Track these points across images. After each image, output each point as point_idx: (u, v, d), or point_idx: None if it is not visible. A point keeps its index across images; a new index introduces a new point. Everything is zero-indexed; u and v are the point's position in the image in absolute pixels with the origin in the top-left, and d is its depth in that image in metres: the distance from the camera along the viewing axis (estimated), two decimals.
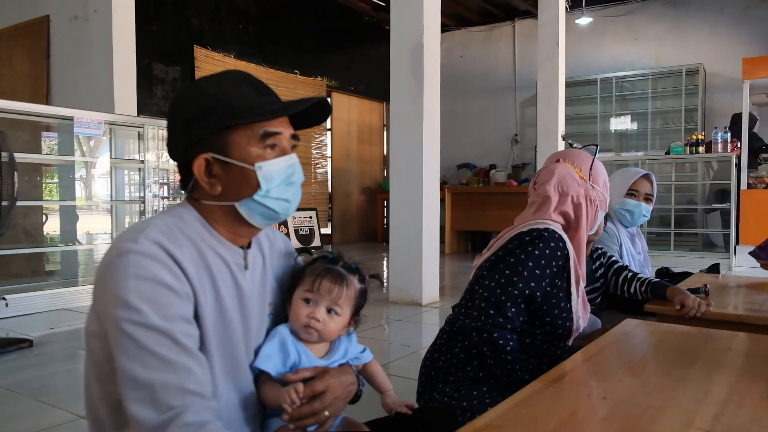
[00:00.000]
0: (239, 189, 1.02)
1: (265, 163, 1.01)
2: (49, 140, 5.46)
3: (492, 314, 1.52)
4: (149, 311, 0.89)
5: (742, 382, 1.12)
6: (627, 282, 2.21)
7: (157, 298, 0.91)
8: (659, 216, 7.45)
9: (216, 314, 1.01)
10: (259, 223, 1.07)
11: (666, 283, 2.10)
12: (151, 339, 0.89)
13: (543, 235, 1.61)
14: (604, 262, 2.29)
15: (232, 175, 1.01)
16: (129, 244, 0.93)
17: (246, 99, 1.01)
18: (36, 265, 5.22)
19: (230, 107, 0.99)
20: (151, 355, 0.88)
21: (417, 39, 4.49)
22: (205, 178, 1.01)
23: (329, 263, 1.17)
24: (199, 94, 1.02)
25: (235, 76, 1.05)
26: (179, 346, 0.90)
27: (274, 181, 1.03)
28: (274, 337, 1.12)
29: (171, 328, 0.90)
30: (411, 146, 4.53)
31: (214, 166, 1.01)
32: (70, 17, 5.34)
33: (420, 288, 4.47)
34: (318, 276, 1.13)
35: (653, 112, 8.41)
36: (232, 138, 1.00)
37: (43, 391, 2.54)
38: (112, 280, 0.91)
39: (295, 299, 1.14)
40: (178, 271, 0.95)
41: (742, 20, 8.00)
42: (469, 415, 1.42)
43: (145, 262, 0.92)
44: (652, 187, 2.59)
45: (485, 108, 9.89)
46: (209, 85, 1.03)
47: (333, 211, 9.34)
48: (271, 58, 8.06)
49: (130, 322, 0.89)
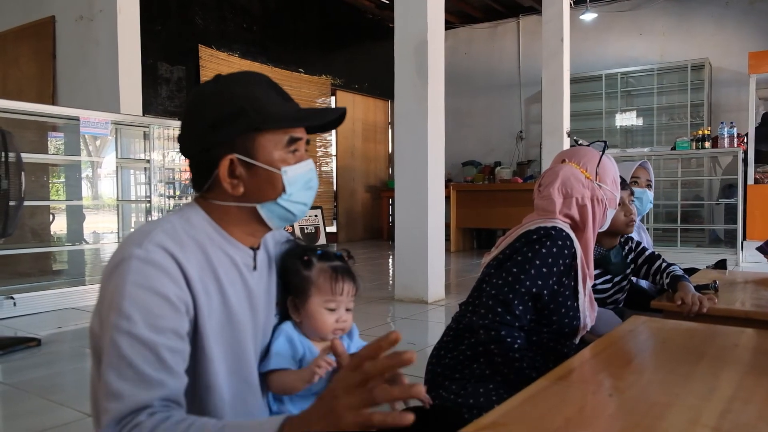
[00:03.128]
0: (262, 191, 1.03)
1: (290, 167, 1.04)
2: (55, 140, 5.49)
3: (499, 312, 1.52)
4: (139, 320, 0.89)
5: (749, 379, 1.11)
6: (660, 272, 2.18)
7: (151, 307, 0.90)
8: (665, 212, 7.42)
9: (223, 316, 1.01)
10: (276, 225, 1.08)
11: (683, 278, 2.06)
12: (134, 349, 0.88)
13: (550, 233, 1.60)
14: (633, 246, 2.28)
15: (257, 177, 1.02)
16: (133, 249, 0.93)
17: (275, 104, 1.02)
18: (43, 264, 5.25)
19: (262, 111, 1.00)
20: (128, 366, 0.87)
21: (421, 36, 4.49)
22: (228, 179, 1.01)
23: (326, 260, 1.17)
24: (230, 95, 1.01)
25: (259, 79, 1.06)
26: (159, 362, 0.89)
27: (297, 185, 1.05)
28: (281, 336, 1.13)
29: (156, 341, 0.89)
30: (416, 144, 4.52)
31: (238, 168, 1.01)
32: (75, 17, 5.36)
33: (426, 286, 4.47)
34: (335, 281, 1.14)
35: (659, 108, 8.37)
36: (260, 141, 1.01)
37: (51, 389, 2.55)
38: (112, 284, 0.92)
39: (317, 310, 1.13)
40: (180, 278, 0.95)
41: (748, 14, 7.95)
42: (476, 412, 1.43)
43: (145, 270, 0.91)
44: (649, 174, 2.65)
45: (490, 105, 9.87)
46: (238, 87, 1.02)
47: (338, 210, 9.35)
48: (275, 57, 8.06)
49: (118, 328, 0.89)
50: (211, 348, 0.99)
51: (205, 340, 0.98)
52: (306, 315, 1.14)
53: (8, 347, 3.08)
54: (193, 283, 0.96)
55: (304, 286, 1.14)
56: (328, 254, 1.18)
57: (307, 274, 1.14)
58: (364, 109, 9.81)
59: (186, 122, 1.05)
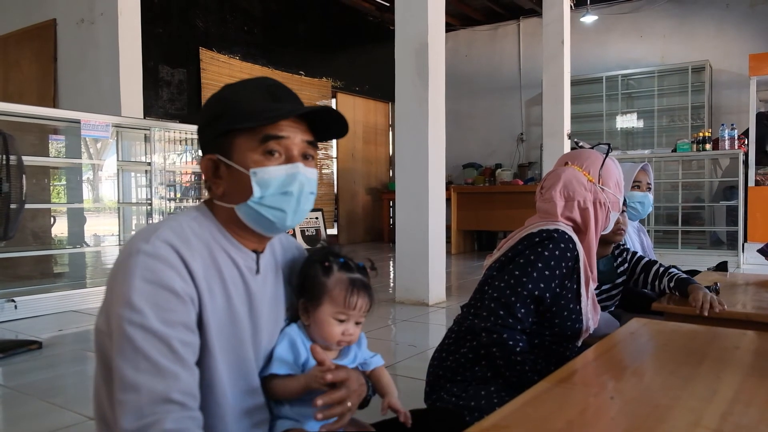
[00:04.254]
0: (237, 192, 1.03)
1: (261, 169, 1.01)
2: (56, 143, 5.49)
3: (501, 315, 1.52)
4: (151, 314, 0.90)
5: (750, 381, 1.11)
6: (658, 277, 2.17)
7: (161, 302, 0.91)
8: (666, 214, 7.41)
9: (225, 316, 1.02)
10: (258, 230, 1.06)
11: (691, 280, 2.06)
12: (148, 342, 0.89)
13: (553, 236, 1.60)
14: (627, 257, 2.27)
15: (233, 178, 1.03)
16: (141, 244, 0.94)
17: (253, 104, 1.02)
18: (44, 267, 5.25)
19: (237, 112, 1.01)
20: (144, 359, 0.88)
21: (422, 39, 4.49)
22: (212, 179, 1.05)
23: (346, 270, 1.14)
24: (216, 99, 1.06)
25: (257, 83, 1.07)
26: (173, 353, 0.90)
27: (269, 189, 1.01)
28: (283, 340, 1.12)
29: (169, 334, 0.90)
30: (416, 146, 4.53)
31: (221, 168, 1.03)
32: (76, 21, 5.37)
33: (426, 288, 4.47)
34: (350, 295, 1.12)
35: (659, 110, 8.37)
36: (236, 141, 1.02)
37: (52, 392, 2.55)
38: (121, 279, 0.93)
39: (326, 319, 1.12)
40: (185, 273, 0.95)
41: (748, 16, 7.96)
42: (477, 415, 1.43)
43: (153, 265, 0.92)
44: (650, 177, 2.66)
45: (490, 107, 9.88)
46: (227, 91, 1.06)
47: (339, 212, 9.35)
48: (276, 60, 8.07)
49: (130, 322, 0.89)
50: (213, 345, 0.99)
51: (208, 336, 0.98)
52: (314, 321, 1.13)
53: (9, 350, 3.08)
54: (197, 279, 0.97)
55: (318, 292, 1.12)
56: (350, 264, 1.16)
57: (324, 281, 1.12)
58: (365, 112, 9.82)
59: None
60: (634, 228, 2.72)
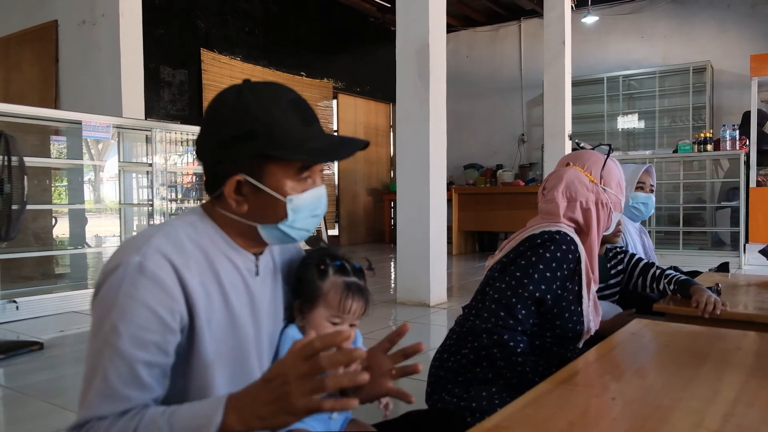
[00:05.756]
0: (265, 214, 1.02)
1: (297, 196, 1.01)
2: (57, 144, 5.50)
3: (502, 316, 1.52)
4: (124, 333, 0.88)
5: (752, 382, 1.11)
6: (656, 280, 2.17)
7: (139, 320, 0.89)
8: (668, 214, 7.41)
9: (225, 319, 1.01)
10: (273, 243, 1.08)
11: (693, 281, 2.05)
12: (111, 362, 0.88)
13: (554, 237, 1.60)
14: (623, 258, 2.27)
15: (262, 200, 1.00)
16: (131, 256, 0.92)
17: (290, 130, 0.98)
18: (46, 268, 5.25)
19: (274, 137, 0.96)
20: (102, 379, 0.87)
21: (423, 40, 4.50)
22: (234, 196, 1.00)
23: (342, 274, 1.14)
24: (245, 113, 0.97)
25: (284, 97, 1.00)
26: (133, 378, 0.89)
27: (301, 213, 1.02)
28: (286, 342, 1.13)
29: (136, 357, 0.89)
30: (417, 147, 4.53)
31: (245, 187, 1.00)
32: (78, 22, 5.38)
33: (428, 289, 4.47)
34: (345, 298, 1.11)
35: (661, 111, 8.37)
36: (270, 167, 0.98)
37: (54, 393, 2.55)
38: (103, 289, 0.92)
39: (320, 322, 1.12)
40: (174, 287, 0.93)
41: (749, 17, 7.95)
42: (479, 416, 1.43)
43: (138, 281, 0.90)
44: (652, 179, 2.68)
45: (492, 108, 9.88)
46: (256, 106, 0.97)
47: (340, 213, 9.35)
48: (277, 61, 8.08)
49: (101, 335, 0.89)
50: (207, 354, 0.98)
51: (200, 346, 0.97)
52: (308, 322, 1.13)
53: (11, 351, 3.08)
54: (191, 289, 0.95)
55: (313, 294, 1.12)
56: (346, 267, 1.15)
57: (319, 284, 1.12)
58: (366, 113, 9.82)
59: (202, 131, 1.03)
60: (635, 229, 2.72)
